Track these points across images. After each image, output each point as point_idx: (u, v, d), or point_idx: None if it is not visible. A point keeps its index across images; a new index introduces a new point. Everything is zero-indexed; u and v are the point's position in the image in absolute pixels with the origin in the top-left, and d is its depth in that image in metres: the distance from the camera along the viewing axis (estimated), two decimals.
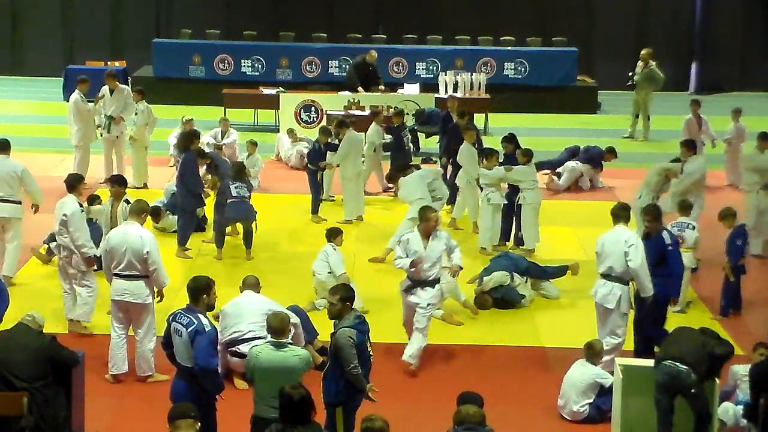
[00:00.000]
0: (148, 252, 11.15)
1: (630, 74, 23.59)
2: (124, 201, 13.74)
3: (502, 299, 13.70)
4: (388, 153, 19.07)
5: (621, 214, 11.58)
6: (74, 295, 12.53)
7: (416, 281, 11.62)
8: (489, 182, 15.56)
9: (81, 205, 12.55)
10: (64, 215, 12.27)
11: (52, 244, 13.94)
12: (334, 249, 13.53)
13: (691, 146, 15.87)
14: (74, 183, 12.72)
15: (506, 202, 15.63)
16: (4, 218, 14.06)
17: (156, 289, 11.36)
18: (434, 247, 11.62)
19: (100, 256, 13.53)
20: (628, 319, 11.41)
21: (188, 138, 15.82)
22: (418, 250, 11.49)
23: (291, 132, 20.92)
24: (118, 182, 13.95)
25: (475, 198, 16.31)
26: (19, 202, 14.18)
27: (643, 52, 23.78)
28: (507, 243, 15.82)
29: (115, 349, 11.32)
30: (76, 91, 18.85)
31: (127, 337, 11.38)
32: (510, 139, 16.37)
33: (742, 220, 14.06)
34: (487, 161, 15.70)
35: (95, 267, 12.67)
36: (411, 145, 19.93)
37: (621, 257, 11.18)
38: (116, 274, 11.30)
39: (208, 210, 16.25)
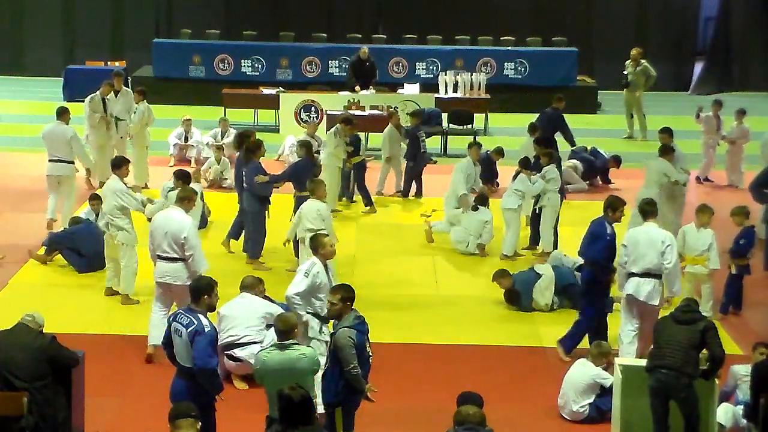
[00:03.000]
0: (185, 237, 11.49)
1: (625, 73, 23.60)
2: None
3: (514, 290, 13.68)
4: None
5: (648, 209, 11.61)
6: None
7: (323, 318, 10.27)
8: (530, 193, 15.48)
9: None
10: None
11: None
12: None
13: (671, 133, 16.01)
14: (120, 164, 13.69)
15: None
16: (59, 176, 16.08)
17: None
18: (332, 277, 10.53)
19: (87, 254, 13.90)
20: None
21: (253, 148, 15.41)
22: (327, 283, 10.27)
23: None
24: (181, 177, 14.06)
25: None
26: (72, 162, 16.23)
27: (633, 51, 23.81)
28: (537, 247, 15.81)
29: (155, 322, 11.63)
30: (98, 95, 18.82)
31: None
32: (542, 141, 16.36)
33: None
34: (525, 168, 15.61)
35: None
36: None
37: (658, 257, 11.23)
38: (159, 257, 11.65)
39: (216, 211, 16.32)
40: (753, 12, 30.05)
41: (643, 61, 23.61)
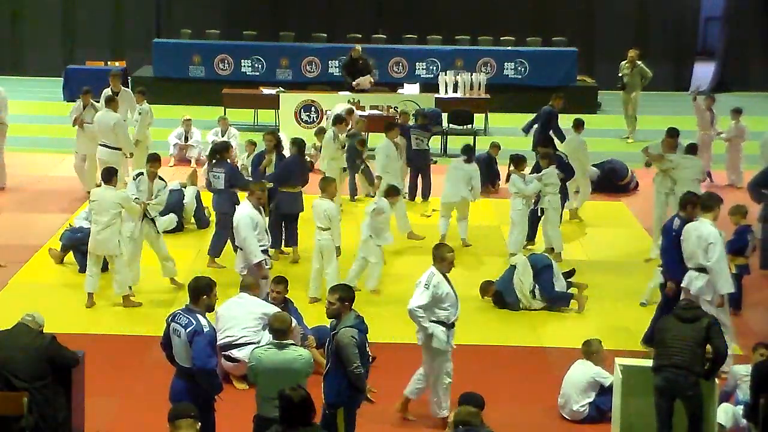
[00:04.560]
0: (235, 227, 12.65)
1: (620, 75, 23.57)
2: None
3: (497, 291, 13.70)
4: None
5: (709, 204, 11.72)
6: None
7: (450, 325, 10.40)
8: (527, 194, 15.29)
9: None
10: None
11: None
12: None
13: (675, 134, 16.17)
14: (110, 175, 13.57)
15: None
16: (105, 160, 16.82)
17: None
18: (452, 286, 10.47)
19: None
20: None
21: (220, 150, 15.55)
22: (449, 293, 10.35)
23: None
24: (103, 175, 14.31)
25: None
26: (119, 149, 17.14)
27: (630, 52, 23.77)
28: (532, 244, 15.79)
29: None
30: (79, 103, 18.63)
31: None
32: (548, 142, 16.32)
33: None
34: (516, 167, 15.53)
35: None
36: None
37: (703, 254, 11.36)
38: None
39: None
40: (754, 12, 30.06)
41: (639, 62, 23.60)
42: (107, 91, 18.70)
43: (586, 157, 17.68)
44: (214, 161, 14.91)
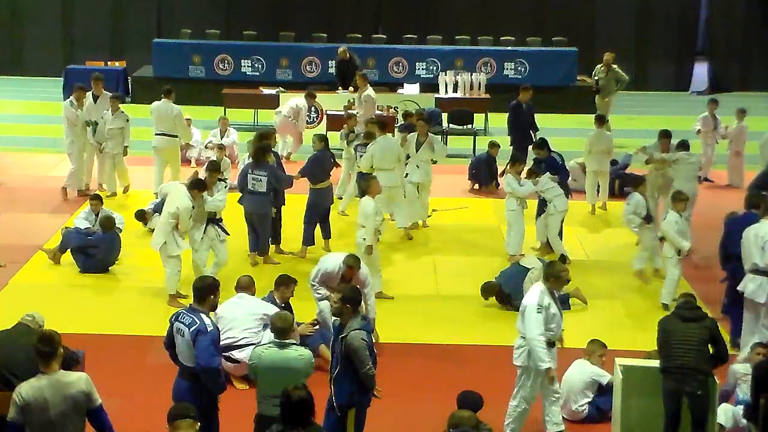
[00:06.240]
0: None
1: (596, 78, 23.42)
2: None
3: (504, 293, 13.64)
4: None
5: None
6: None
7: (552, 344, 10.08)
8: (519, 196, 15.11)
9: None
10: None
11: None
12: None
13: (669, 135, 16.28)
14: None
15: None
16: (164, 148, 17.85)
17: None
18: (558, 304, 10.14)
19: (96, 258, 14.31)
20: None
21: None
22: (556, 313, 9.98)
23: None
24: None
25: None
26: (176, 137, 18.00)
27: (606, 56, 23.62)
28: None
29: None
30: (71, 98, 18.54)
31: None
32: (542, 145, 16.23)
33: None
34: (513, 166, 15.46)
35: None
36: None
37: (760, 254, 11.32)
38: None
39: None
40: (753, 12, 30.06)
41: (614, 65, 23.49)
42: (89, 95, 18.53)
43: (610, 152, 17.78)
44: (257, 161, 14.70)
